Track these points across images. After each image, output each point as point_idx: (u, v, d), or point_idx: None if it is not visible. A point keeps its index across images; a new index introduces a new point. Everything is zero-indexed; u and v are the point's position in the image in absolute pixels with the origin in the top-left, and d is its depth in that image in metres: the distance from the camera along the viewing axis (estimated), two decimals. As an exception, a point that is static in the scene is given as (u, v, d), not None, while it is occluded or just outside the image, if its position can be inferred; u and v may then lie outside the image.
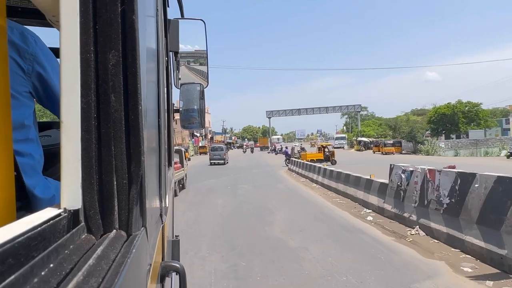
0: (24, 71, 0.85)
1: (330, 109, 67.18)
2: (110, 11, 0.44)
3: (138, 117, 0.47)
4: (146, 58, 0.58)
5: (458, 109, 47.24)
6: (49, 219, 0.36)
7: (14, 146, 0.68)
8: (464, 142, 41.79)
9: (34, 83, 0.88)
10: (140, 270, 0.47)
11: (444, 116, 48.30)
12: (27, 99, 0.86)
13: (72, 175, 0.41)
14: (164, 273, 0.81)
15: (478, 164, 18.68)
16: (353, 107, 67.26)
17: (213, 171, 20.51)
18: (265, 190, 11.56)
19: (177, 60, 1.88)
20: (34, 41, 0.88)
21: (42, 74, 0.90)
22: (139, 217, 0.49)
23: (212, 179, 15.91)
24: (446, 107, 48.47)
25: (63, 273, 0.31)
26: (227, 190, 11.75)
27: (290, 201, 9.29)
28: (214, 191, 11.70)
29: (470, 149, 38.95)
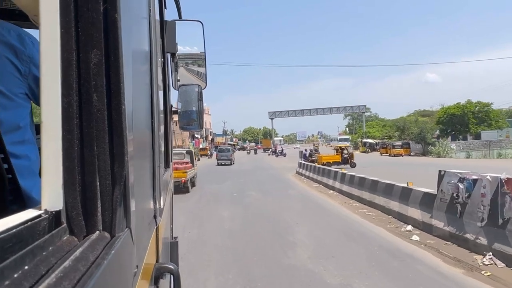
0: (21, 73, 0.89)
1: (334, 109, 68.85)
2: (92, 9, 0.46)
3: (121, 117, 0.48)
4: (134, 58, 0.61)
5: (468, 109, 46.45)
6: (28, 220, 0.37)
7: (10, 148, 0.72)
8: (477, 143, 40.43)
9: (30, 84, 0.92)
10: (121, 272, 0.48)
11: (453, 117, 48.79)
12: (23, 101, 0.91)
13: (53, 176, 0.43)
14: (158, 275, 0.81)
15: (506, 167, 17.31)
16: (358, 108, 68.85)
17: (216, 175, 20.32)
18: (276, 198, 11.09)
19: (175, 61, 1.87)
20: (31, 42, 0.92)
21: (38, 76, 0.88)
22: (123, 218, 0.50)
23: (215, 183, 15.63)
24: (455, 107, 49.30)
25: (38, 274, 0.32)
26: (233, 199, 11.24)
27: (309, 212, 8.75)
28: (218, 199, 11.23)
29: (482, 150, 38.04)
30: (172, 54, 1.75)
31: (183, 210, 8.27)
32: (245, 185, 14.42)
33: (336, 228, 6.62)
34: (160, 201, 1.02)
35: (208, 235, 6.38)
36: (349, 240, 5.79)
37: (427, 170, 12.89)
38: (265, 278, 4.17)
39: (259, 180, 16.42)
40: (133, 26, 0.62)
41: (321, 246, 5.54)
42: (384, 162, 27.46)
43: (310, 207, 9.07)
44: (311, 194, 11.55)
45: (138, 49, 0.67)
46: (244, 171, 22.21)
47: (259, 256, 5.09)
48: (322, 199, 10.42)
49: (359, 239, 5.86)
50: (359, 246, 5.44)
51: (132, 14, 0.60)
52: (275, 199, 10.58)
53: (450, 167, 7.55)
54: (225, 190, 12.84)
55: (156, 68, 1.00)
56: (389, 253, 5.07)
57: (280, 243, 5.76)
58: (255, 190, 12.69)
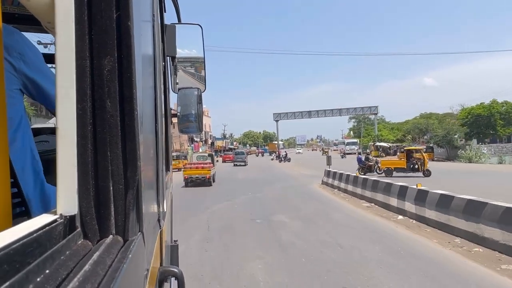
0: (15, 69, 0.91)
1: (344, 111, 63.84)
2: (105, 17, 0.47)
3: (134, 122, 0.49)
4: (142, 63, 0.61)
5: (494, 109, 42.35)
6: (45, 225, 0.38)
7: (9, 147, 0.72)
8: (510, 147, 36.65)
9: (23, 80, 0.94)
10: (136, 275, 0.49)
11: (478, 118, 44.50)
12: (18, 96, 0.93)
13: (68, 181, 0.44)
14: (163, 279, 0.82)
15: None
16: (369, 109, 63.95)
17: (222, 187, 15.98)
18: (323, 228, 7.19)
19: (175, 64, 1.89)
20: (20, 39, 0.93)
21: (28, 72, 0.95)
22: (136, 222, 0.51)
23: (223, 201, 11.30)
24: (480, 108, 45.31)
25: (58, 279, 0.33)
26: (258, 230, 7.17)
27: (402, 265, 4.84)
28: (234, 231, 7.09)
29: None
30: (172, 57, 1.76)
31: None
32: (267, 203, 10.52)
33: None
34: (164, 205, 1.04)
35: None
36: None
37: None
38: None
39: (282, 195, 12.45)
40: (142, 32, 0.63)
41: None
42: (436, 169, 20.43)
43: (394, 253, 5.23)
44: (372, 222, 7.59)
45: (145, 54, 0.69)
46: (258, 180, 18.37)
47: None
48: (406, 236, 6.33)
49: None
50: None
51: (141, 20, 0.61)
52: (322, 230, 6.77)
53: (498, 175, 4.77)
54: (240, 213, 8.99)
55: (159, 72, 1.01)
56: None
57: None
58: (284, 212, 8.81)
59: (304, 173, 22.18)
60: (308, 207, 9.65)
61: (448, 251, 5.29)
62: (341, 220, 7.83)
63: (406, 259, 4.95)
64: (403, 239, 6.07)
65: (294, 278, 4.28)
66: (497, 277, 4.25)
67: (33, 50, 0.97)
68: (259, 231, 6.89)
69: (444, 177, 16.82)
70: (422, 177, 16.38)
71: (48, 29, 0.81)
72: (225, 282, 4.20)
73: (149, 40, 0.79)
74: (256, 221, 7.84)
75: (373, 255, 5.15)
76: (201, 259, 5.13)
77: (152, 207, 0.75)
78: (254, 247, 5.69)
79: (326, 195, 12.39)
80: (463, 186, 10.58)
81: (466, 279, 4.20)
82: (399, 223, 7.36)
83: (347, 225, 7.36)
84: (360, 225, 7.36)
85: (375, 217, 8.14)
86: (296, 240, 6.16)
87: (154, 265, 0.71)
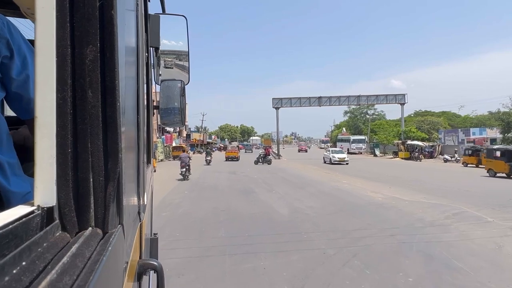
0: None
1: (352, 98, 44.93)
2: (88, 5, 0.46)
3: (116, 114, 0.48)
4: (125, 54, 0.60)
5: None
6: (22, 217, 0.37)
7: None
8: None
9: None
10: (116, 268, 0.48)
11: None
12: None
13: (46, 172, 0.43)
14: (142, 272, 0.81)
15: None
16: (394, 97, 44.62)
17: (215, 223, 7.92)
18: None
19: (158, 56, 1.87)
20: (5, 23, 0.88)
21: (7, 62, 0.89)
22: (116, 214, 0.51)
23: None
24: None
25: (36, 271, 0.32)
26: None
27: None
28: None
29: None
30: (155, 48, 1.74)
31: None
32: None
33: None
34: (144, 198, 1.03)
35: None
36: None
37: None
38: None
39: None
40: (125, 22, 0.61)
41: None
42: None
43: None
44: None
45: (129, 45, 0.68)
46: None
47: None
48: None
49: None
50: None
51: (124, 9, 0.60)
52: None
53: None
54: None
55: (142, 63, 1.00)
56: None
57: None
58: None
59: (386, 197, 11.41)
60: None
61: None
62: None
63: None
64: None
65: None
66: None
67: (19, 41, 0.89)
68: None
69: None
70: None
71: (27, 15, 0.84)
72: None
73: (132, 30, 0.78)
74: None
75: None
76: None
77: (133, 200, 0.74)
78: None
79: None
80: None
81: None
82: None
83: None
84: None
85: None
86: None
87: (133, 258, 0.71)
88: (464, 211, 8.78)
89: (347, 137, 59.12)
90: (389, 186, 13.80)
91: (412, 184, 14.57)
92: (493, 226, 7.30)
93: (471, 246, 5.95)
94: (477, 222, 7.72)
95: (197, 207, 9.56)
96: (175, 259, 5.10)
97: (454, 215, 8.39)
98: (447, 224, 7.55)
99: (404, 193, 11.91)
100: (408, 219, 8.00)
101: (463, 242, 6.17)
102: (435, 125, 49.90)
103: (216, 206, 9.69)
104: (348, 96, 44.77)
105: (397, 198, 11.02)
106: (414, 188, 13.24)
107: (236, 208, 9.36)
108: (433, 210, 9.04)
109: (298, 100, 44.56)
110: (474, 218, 8.06)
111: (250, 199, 10.90)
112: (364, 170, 22.51)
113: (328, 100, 44.53)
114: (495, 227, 7.25)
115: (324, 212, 8.81)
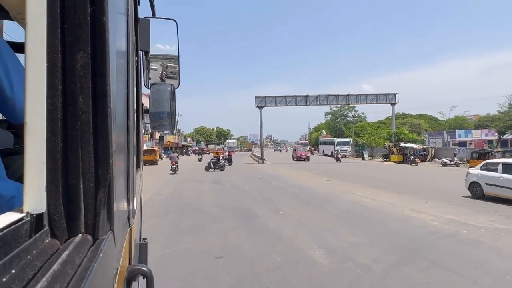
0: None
1: (341, 98, 41.55)
2: (79, 11, 0.46)
3: (107, 120, 0.48)
4: (116, 59, 0.60)
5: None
6: (11, 224, 0.37)
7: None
8: None
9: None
10: (106, 275, 0.48)
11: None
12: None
13: (36, 178, 0.42)
14: (131, 277, 0.80)
15: None
16: (385, 97, 41.53)
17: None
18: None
19: (148, 59, 1.87)
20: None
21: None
22: (106, 220, 0.50)
23: None
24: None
25: (26, 279, 0.32)
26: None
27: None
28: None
29: None
30: (145, 52, 1.72)
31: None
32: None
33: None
34: (134, 203, 1.02)
35: None
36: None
37: None
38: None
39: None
40: (116, 27, 0.61)
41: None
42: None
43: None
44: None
45: (119, 49, 0.67)
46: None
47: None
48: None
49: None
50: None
51: (115, 14, 0.60)
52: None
53: None
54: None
55: (132, 67, 0.99)
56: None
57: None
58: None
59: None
60: None
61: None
62: None
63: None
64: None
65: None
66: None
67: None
68: None
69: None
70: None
71: (16, 20, 0.79)
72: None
73: (123, 34, 0.77)
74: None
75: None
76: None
77: (123, 205, 0.73)
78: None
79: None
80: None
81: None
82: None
83: None
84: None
85: None
86: None
87: (123, 263, 0.70)
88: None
89: (331, 139, 56.85)
90: (424, 201, 10.70)
91: (451, 197, 11.42)
92: None
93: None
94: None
95: (176, 247, 5.97)
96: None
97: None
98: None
99: (458, 213, 8.77)
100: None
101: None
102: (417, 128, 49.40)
103: (206, 247, 6.03)
104: (336, 95, 41.47)
105: (458, 222, 7.83)
106: (461, 204, 10.21)
107: (240, 253, 5.73)
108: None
109: (284, 98, 40.71)
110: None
111: (255, 229, 7.21)
112: (364, 176, 19.55)
113: (315, 99, 40.97)
114: None
115: (385, 259, 5.32)
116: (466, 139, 46.50)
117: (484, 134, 46.41)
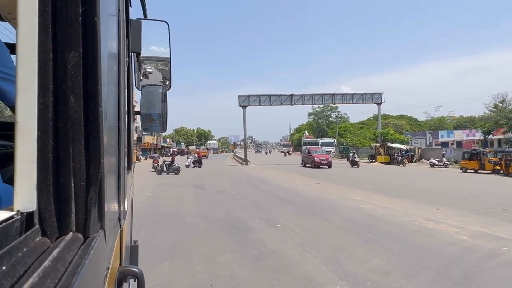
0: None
1: (327, 97, 40.38)
2: (71, 11, 0.46)
3: (98, 119, 0.48)
4: (108, 59, 0.60)
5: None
6: (1, 222, 0.37)
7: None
8: None
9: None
10: (97, 273, 0.47)
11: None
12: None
13: (26, 177, 0.42)
14: (122, 279, 0.79)
15: None
16: (371, 97, 40.22)
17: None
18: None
19: (139, 61, 1.85)
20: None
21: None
22: (97, 219, 0.50)
23: None
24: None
25: (16, 275, 0.32)
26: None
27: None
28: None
29: None
30: (137, 53, 1.70)
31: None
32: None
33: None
34: (125, 204, 1.01)
35: None
36: None
37: None
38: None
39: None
40: (108, 27, 0.61)
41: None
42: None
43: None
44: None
45: (111, 50, 0.67)
46: None
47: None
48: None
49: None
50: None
51: (106, 15, 0.59)
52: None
53: None
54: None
55: (123, 68, 0.99)
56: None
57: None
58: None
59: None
60: None
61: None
62: None
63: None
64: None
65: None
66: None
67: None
68: None
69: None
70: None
71: (7, 19, 0.77)
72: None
73: (114, 35, 0.77)
74: None
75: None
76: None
77: (114, 206, 0.73)
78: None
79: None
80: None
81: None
82: None
83: None
84: None
85: None
86: None
87: (114, 264, 0.70)
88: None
89: (314, 140, 56.38)
90: (434, 207, 9.64)
91: (458, 202, 10.52)
92: None
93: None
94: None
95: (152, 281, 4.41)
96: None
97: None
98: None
99: (482, 223, 7.65)
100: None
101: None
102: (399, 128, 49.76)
103: (190, 281, 4.44)
104: (322, 94, 40.25)
105: (490, 235, 6.69)
106: (478, 212, 9.13)
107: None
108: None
109: (268, 97, 39.12)
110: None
111: (251, 251, 5.65)
112: (356, 178, 18.69)
113: (300, 99, 39.64)
114: None
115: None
116: (448, 139, 46.88)
117: (465, 135, 46.95)
